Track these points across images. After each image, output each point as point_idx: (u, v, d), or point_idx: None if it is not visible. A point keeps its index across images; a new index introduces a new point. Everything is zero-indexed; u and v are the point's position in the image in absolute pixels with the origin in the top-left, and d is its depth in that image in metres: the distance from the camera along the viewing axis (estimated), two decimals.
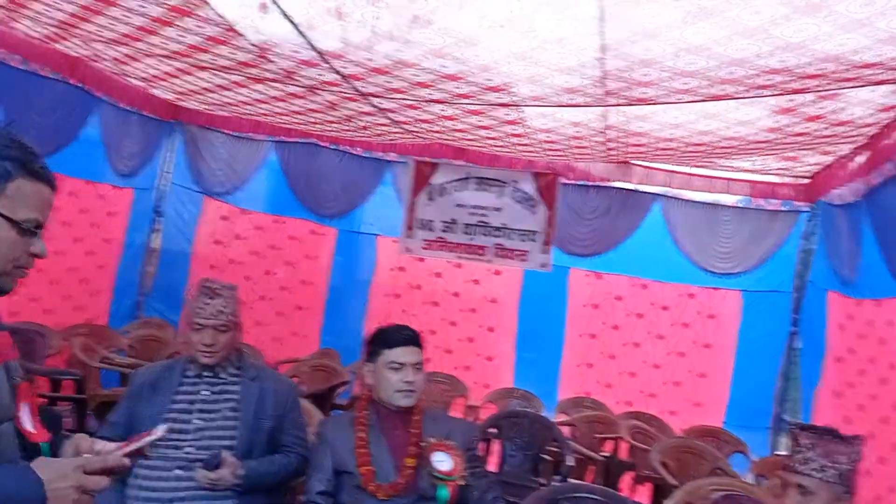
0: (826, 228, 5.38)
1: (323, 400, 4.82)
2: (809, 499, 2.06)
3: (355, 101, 4.66)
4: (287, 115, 5.63)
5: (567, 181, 6.25)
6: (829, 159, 5.03)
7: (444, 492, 2.26)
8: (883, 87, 3.41)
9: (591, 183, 6.26)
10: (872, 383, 4.32)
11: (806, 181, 5.67)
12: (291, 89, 4.66)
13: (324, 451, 2.37)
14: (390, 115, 4.94)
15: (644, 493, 5.08)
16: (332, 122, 5.51)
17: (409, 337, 2.43)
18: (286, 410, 2.53)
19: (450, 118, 4.81)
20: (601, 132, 4.66)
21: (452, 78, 3.86)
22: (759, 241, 5.88)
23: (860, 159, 4.50)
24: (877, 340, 4.29)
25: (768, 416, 5.74)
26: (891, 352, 4.10)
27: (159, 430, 1.46)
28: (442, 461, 2.31)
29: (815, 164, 5.25)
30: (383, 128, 5.47)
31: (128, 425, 2.40)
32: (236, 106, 5.70)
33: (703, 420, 5.79)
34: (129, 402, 2.46)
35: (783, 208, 5.84)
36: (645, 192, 6.15)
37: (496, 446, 4.68)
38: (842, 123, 4.01)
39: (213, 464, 2.25)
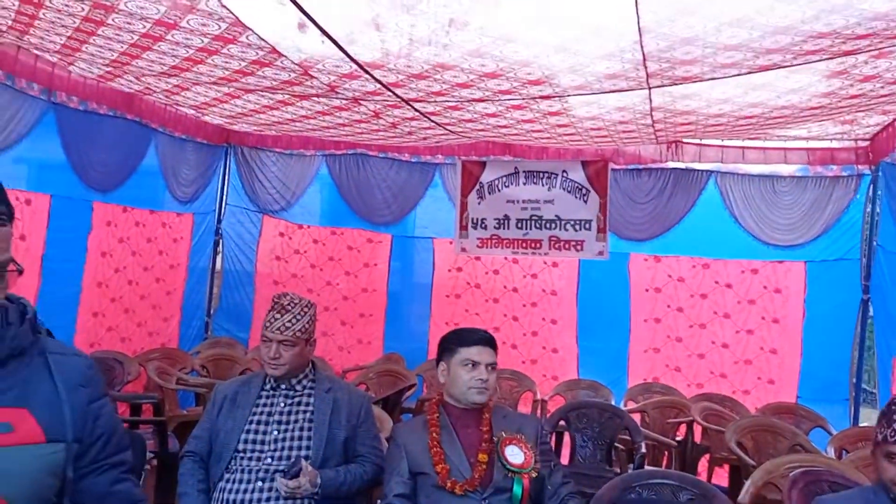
0: (891, 189, 5.21)
1: (391, 405, 4.89)
2: None
3: (399, 107, 4.72)
4: (333, 129, 5.73)
5: (617, 166, 6.20)
6: (888, 119, 4.88)
7: (519, 484, 2.29)
8: None
9: (642, 166, 6.19)
10: None
11: (865, 143, 5.51)
12: (336, 102, 4.75)
13: (399, 454, 2.42)
14: (434, 118, 4.98)
15: (722, 476, 5.01)
16: (377, 130, 5.58)
17: (484, 337, 2.50)
18: (360, 421, 2.59)
19: (493, 115, 4.83)
20: (647, 115, 4.62)
21: (492, 76, 3.88)
22: (820, 210, 5.73)
23: None
24: None
25: (845, 387, 5.58)
26: None
27: None
28: (515, 454, 2.35)
29: (875, 126, 5.10)
30: (428, 131, 5.52)
31: (211, 438, 2.50)
32: (284, 124, 5.83)
33: (777, 397, 5.68)
34: (210, 416, 2.56)
35: (844, 173, 5.68)
36: (698, 170, 6.05)
37: (567, 439, 4.68)
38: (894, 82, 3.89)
39: (293, 473, 2.32)
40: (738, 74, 3.70)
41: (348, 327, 7.04)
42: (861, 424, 5.34)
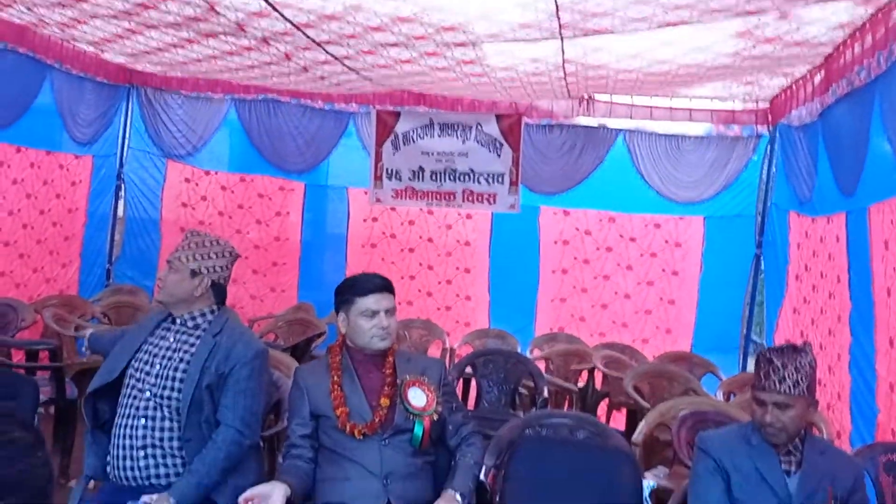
0: (786, 150, 5.47)
1: (300, 353, 4.88)
2: (786, 411, 2.18)
3: (310, 49, 4.60)
4: (242, 70, 5.55)
5: (530, 121, 6.27)
6: (786, 81, 5.08)
7: (420, 426, 2.33)
8: (835, 4, 3.45)
9: (554, 122, 6.29)
10: (823, 298, 4.47)
11: (765, 105, 5.74)
12: (244, 42, 4.59)
13: (300, 397, 2.42)
14: (347, 62, 4.89)
15: (620, 420, 5.24)
16: (288, 73, 5.44)
17: (379, 284, 2.46)
18: (232, 369, 2.41)
19: (408, 62, 4.78)
20: (560, 67, 4.67)
21: (406, 20, 3.83)
22: (721, 168, 5.99)
23: (816, 79, 4.57)
24: (826, 256, 4.43)
25: (736, 337, 5.92)
26: (838, 266, 4.25)
27: None
28: (417, 397, 2.38)
29: (775, 88, 5.31)
30: (341, 76, 5.41)
31: (108, 367, 2.45)
32: (190, 64, 5.60)
33: (673, 346, 5.98)
34: (113, 350, 2.52)
35: (744, 134, 5.93)
36: (608, 128, 6.20)
37: (474, 385, 4.79)
38: (798, 44, 4.05)
39: None
40: (649, 29, 3.77)
41: (260, 276, 6.95)
42: (748, 371, 5.67)
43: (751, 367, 5.84)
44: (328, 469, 2.34)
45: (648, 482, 2.47)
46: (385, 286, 2.44)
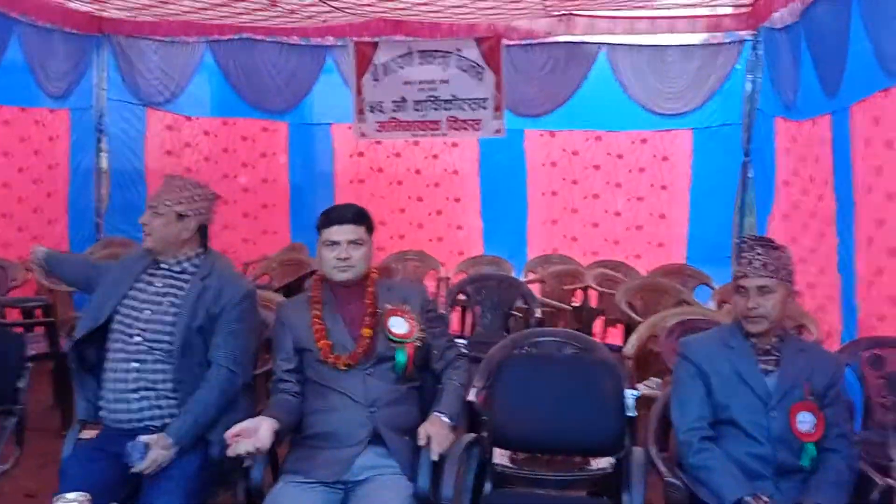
0: (769, 54, 5.38)
1: (293, 292, 4.91)
2: (769, 297, 2.22)
3: None
4: (212, 10, 5.41)
5: (510, 42, 6.13)
6: None
7: (402, 354, 2.35)
8: None
9: (535, 41, 6.16)
10: (812, 202, 4.47)
11: (747, 9, 5.61)
12: None
13: (283, 332, 2.44)
14: None
15: (616, 335, 5.31)
16: (258, 9, 5.31)
17: (341, 215, 2.42)
18: (222, 311, 2.43)
19: None
20: None
21: None
22: (705, 77, 5.91)
23: None
24: (814, 159, 4.40)
25: (728, 247, 5.93)
26: (824, 169, 4.23)
27: None
28: (398, 325, 2.39)
29: None
30: (312, 9, 5.28)
31: (94, 314, 2.47)
32: (158, 7, 5.47)
33: (667, 259, 6.00)
34: (97, 292, 2.53)
35: (727, 40, 5.81)
36: (589, 43, 6.08)
37: (469, 311, 4.84)
38: None
39: (137, 456, 2.20)
40: None
41: (251, 219, 6.94)
42: None
43: None
44: (314, 401, 2.37)
45: (633, 391, 2.52)
46: (350, 217, 2.41)
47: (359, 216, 2.44)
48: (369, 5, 5.22)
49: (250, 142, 6.89)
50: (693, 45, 5.90)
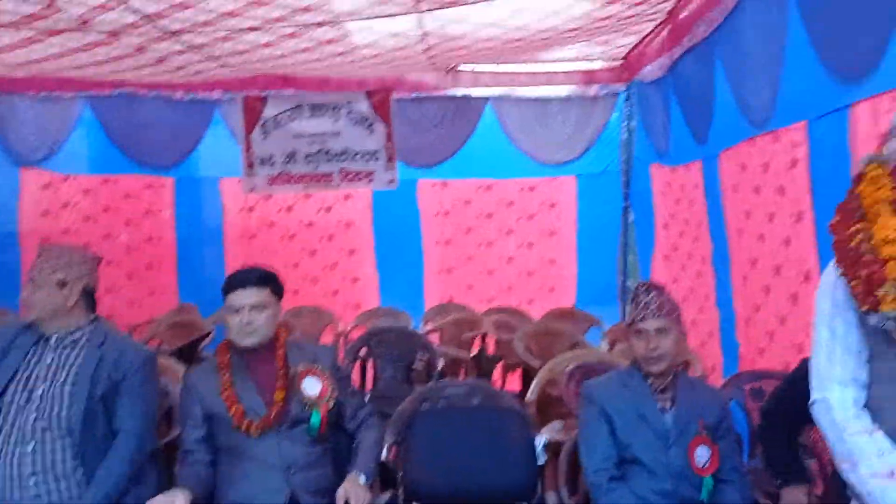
0: (642, 105, 5.75)
1: (187, 356, 4.76)
2: (665, 337, 2.36)
3: (164, 40, 4.42)
4: (93, 67, 5.25)
5: (400, 95, 6.27)
6: (636, 39, 5.32)
7: (317, 415, 2.35)
8: None
9: (423, 94, 6.32)
10: (689, 243, 4.78)
11: (620, 63, 5.99)
12: (92, 38, 4.36)
13: (192, 400, 2.39)
14: (204, 49, 4.73)
15: (515, 380, 5.43)
16: (143, 66, 5.20)
17: (242, 280, 2.41)
18: (124, 377, 2.38)
19: (268, 45, 4.68)
20: (421, 40, 4.70)
21: (261, 3, 3.75)
22: (585, 127, 6.23)
23: (662, 36, 4.82)
24: (688, 203, 4.72)
25: (615, 288, 6.22)
26: (698, 212, 4.55)
27: None
28: (311, 386, 2.39)
29: (626, 46, 5.54)
30: (200, 65, 5.23)
31: None
32: (35, 64, 5.25)
33: (558, 303, 6.20)
34: None
35: (603, 92, 6.17)
36: (476, 97, 6.29)
37: (369, 366, 4.82)
38: (640, 3, 4.25)
39: None
40: None
41: (136, 280, 6.66)
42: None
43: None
44: (228, 469, 2.32)
45: (542, 437, 2.59)
46: (252, 281, 2.39)
47: (262, 279, 2.42)
48: (258, 61, 5.22)
49: (133, 199, 6.66)
50: (572, 97, 6.21)
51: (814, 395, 1.78)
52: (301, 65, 5.41)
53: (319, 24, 4.23)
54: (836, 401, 1.72)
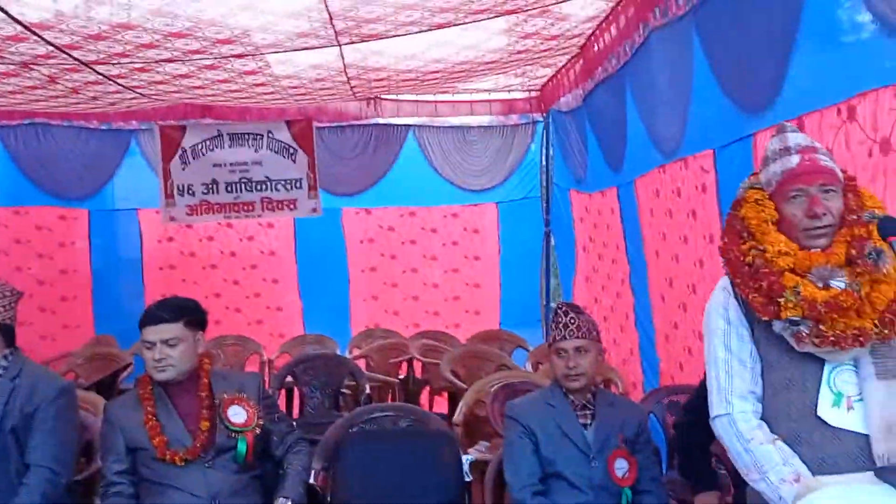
0: (559, 134, 5.96)
1: (107, 388, 4.62)
2: (586, 356, 2.45)
3: (78, 71, 4.35)
4: (3, 97, 5.11)
5: (321, 124, 6.30)
6: (552, 71, 5.53)
7: (243, 443, 2.34)
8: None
9: (345, 123, 6.38)
10: (608, 265, 4.96)
11: (537, 94, 6.20)
12: (2, 68, 4.25)
13: (113, 433, 2.34)
14: (120, 81, 4.67)
15: (442, 403, 5.47)
16: (56, 96, 5.08)
17: (154, 315, 2.37)
18: (37, 409, 2.33)
19: (187, 76, 4.65)
20: (342, 72, 4.77)
21: (179, 35, 3.75)
22: (506, 155, 6.42)
23: (577, 68, 5.02)
24: (605, 227, 4.91)
25: (538, 310, 6.37)
26: (616, 235, 4.74)
27: None
28: (237, 414, 2.38)
29: (542, 77, 5.75)
30: (116, 95, 5.15)
31: None
32: None
33: (483, 326, 6.31)
34: None
35: (521, 121, 6.37)
36: (398, 125, 6.39)
37: (297, 393, 4.79)
38: (554, 38, 4.44)
39: None
40: (420, 31, 3.97)
41: (49, 313, 6.43)
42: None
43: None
44: (152, 501, 2.29)
45: (467, 457, 2.65)
46: (164, 316, 2.35)
47: (175, 313, 2.37)
48: (176, 92, 5.18)
49: (46, 231, 6.45)
50: (492, 126, 6.39)
51: (715, 411, 1.88)
52: (220, 95, 5.40)
53: (239, 56, 4.25)
54: (738, 414, 1.83)
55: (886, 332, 1.69)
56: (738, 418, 1.82)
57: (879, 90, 2.18)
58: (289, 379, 4.74)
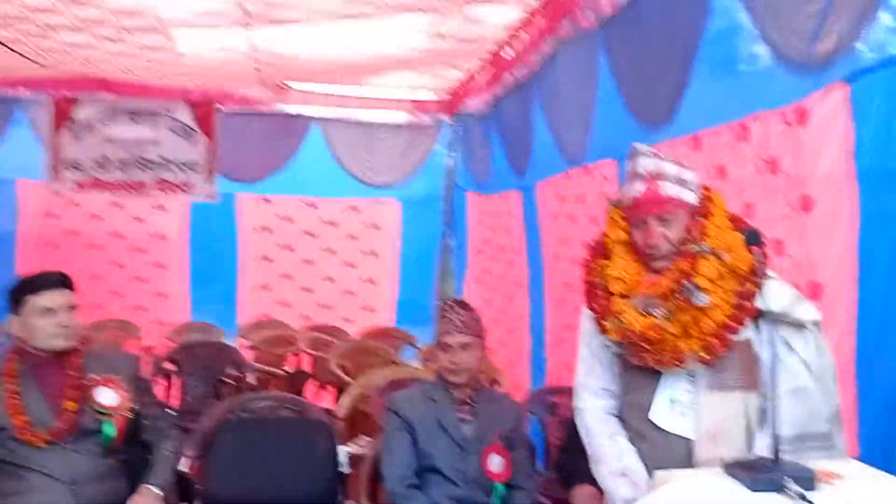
0: (465, 137, 6.03)
1: None
2: (469, 351, 2.50)
3: None
4: None
5: (226, 109, 6.13)
6: (462, 75, 5.57)
7: (110, 426, 2.25)
8: (499, 6, 3.89)
9: (250, 109, 6.22)
10: (502, 267, 5.07)
11: (447, 97, 6.24)
12: None
13: None
14: (11, 45, 4.41)
15: (328, 397, 5.43)
16: None
17: (56, 280, 2.30)
18: None
19: (86, 47, 4.44)
20: (249, 55, 4.66)
21: (79, 3, 3.58)
22: (411, 154, 6.40)
23: (486, 74, 5.09)
24: (504, 230, 5.01)
25: (431, 309, 6.42)
26: (516, 238, 4.84)
27: None
28: (105, 396, 2.29)
29: (453, 80, 5.78)
30: (5, 61, 4.85)
31: None
32: None
33: (378, 323, 6.30)
34: None
35: (429, 122, 6.39)
36: (304, 116, 6.29)
37: (177, 382, 4.66)
38: (466, 41, 4.48)
39: None
40: (332, 20, 3.94)
41: None
42: None
43: None
44: (9, 483, 2.17)
45: (346, 448, 2.65)
46: (62, 282, 2.30)
47: (69, 281, 2.33)
48: (73, 62, 4.92)
49: None
50: (400, 124, 6.38)
51: (574, 404, 2.05)
52: (120, 69, 5.17)
53: (143, 30, 4.09)
54: (588, 409, 2.01)
55: (705, 356, 1.82)
56: (588, 413, 2.01)
57: (769, 112, 2.33)
58: (172, 367, 4.60)
